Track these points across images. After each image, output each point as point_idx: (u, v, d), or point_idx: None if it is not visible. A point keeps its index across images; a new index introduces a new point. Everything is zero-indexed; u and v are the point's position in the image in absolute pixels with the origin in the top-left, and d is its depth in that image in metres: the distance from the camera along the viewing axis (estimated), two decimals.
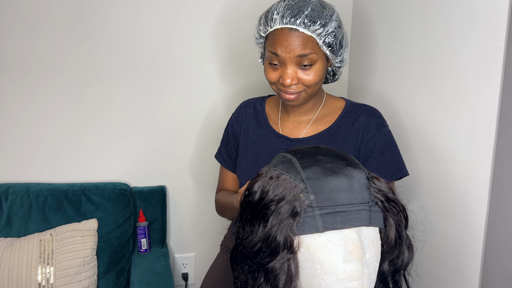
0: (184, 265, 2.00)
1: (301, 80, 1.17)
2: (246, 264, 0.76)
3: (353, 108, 1.29)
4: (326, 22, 1.14)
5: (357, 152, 1.24)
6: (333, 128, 1.27)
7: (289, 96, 1.19)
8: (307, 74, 1.16)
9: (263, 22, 1.18)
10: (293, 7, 1.14)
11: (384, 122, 1.27)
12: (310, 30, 1.13)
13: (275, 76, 1.19)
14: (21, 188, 1.71)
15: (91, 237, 1.66)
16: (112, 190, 1.75)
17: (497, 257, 1.16)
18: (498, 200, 1.14)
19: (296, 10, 1.13)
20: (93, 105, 1.78)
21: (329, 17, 1.15)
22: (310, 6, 1.14)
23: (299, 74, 1.16)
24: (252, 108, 1.38)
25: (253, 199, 0.76)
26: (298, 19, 1.12)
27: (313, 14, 1.13)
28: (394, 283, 0.83)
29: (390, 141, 1.26)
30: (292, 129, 1.30)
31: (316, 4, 1.16)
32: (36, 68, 1.71)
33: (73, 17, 1.69)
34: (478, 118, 1.18)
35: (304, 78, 1.16)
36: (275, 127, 1.32)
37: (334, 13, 1.17)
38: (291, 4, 1.15)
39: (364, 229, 0.73)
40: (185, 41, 1.79)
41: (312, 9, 1.14)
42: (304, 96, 1.20)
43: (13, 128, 1.74)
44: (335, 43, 1.16)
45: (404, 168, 1.26)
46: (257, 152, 1.32)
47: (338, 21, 1.17)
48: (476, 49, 1.17)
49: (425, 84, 1.38)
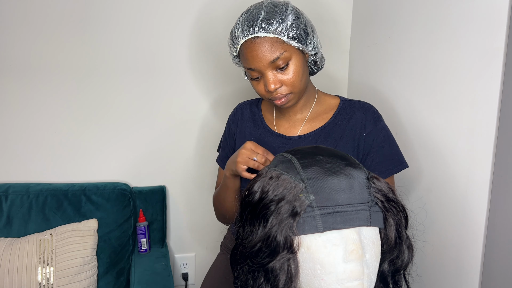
0: (184, 265, 2.00)
1: (283, 82, 1.17)
2: (246, 264, 0.76)
3: (348, 105, 1.29)
4: (282, 18, 1.15)
5: (355, 148, 1.25)
6: (329, 125, 1.27)
7: (280, 101, 1.20)
8: (286, 74, 1.17)
9: (230, 43, 1.21)
10: (248, 18, 1.17)
11: (380, 117, 1.27)
12: (270, 31, 1.14)
13: (261, 88, 1.20)
14: (21, 188, 1.71)
15: (91, 237, 1.66)
16: (112, 190, 1.75)
17: (497, 257, 1.16)
18: (498, 200, 1.14)
19: (251, 19, 1.15)
20: (93, 105, 1.78)
21: (283, 13, 1.16)
22: (262, 10, 1.16)
23: (279, 77, 1.17)
24: (248, 109, 1.40)
25: (253, 199, 0.76)
26: (255, 27, 1.14)
27: (267, 16, 1.15)
28: (394, 283, 0.83)
29: (388, 135, 1.27)
30: (288, 128, 1.31)
31: (268, 6, 1.17)
32: (36, 68, 1.71)
33: (73, 17, 1.69)
34: (478, 118, 1.18)
35: (285, 78, 1.17)
36: (272, 127, 1.33)
37: (288, 7, 1.18)
38: (246, 16, 1.18)
39: (364, 229, 0.73)
40: (184, 41, 1.79)
41: (265, 12, 1.16)
42: (293, 96, 1.21)
43: (13, 128, 1.74)
44: (299, 34, 1.17)
45: (404, 160, 1.27)
46: None
47: (294, 13, 1.18)
48: (476, 49, 1.17)
49: (425, 84, 1.38)
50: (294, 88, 1.19)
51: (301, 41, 1.17)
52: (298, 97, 1.23)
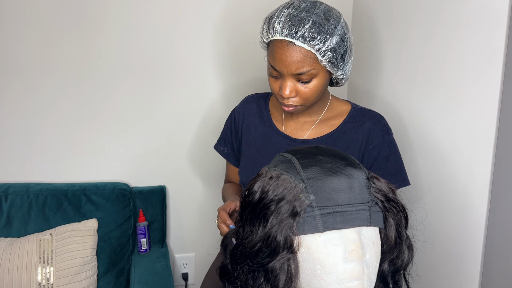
0: (184, 265, 2.00)
1: (300, 93, 1.15)
2: (246, 264, 0.76)
3: (358, 113, 1.26)
4: (327, 37, 1.09)
5: (360, 159, 1.23)
6: (337, 132, 1.25)
7: (288, 108, 1.18)
8: (305, 87, 1.14)
9: (266, 28, 1.15)
10: (295, 18, 1.09)
11: (389, 130, 1.25)
12: (309, 45, 1.09)
13: (275, 86, 1.17)
14: (21, 188, 1.71)
15: (91, 237, 1.66)
16: (112, 190, 1.75)
17: (497, 257, 1.16)
18: (498, 200, 1.14)
19: (296, 22, 1.09)
20: (93, 105, 1.78)
21: (331, 31, 1.10)
22: (312, 18, 1.09)
23: (298, 86, 1.14)
24: (255, 104, 1.36)
25: (253, 199, 0.76)
26: (298, 33, 1.08)
27: (314, 28, 1.08)
28: (394, 283, 0.83)
29: (395, 150, 1.24)
30: (296, 129, 1.29)
31: (319, 16, 1.10)
32: (36, 68, 1.71)
33: (73, 17, 1.69)
34: (478, 118, 1.18)
35: (303, 91, 1.14)
36: (278, 126, 1.30)
37: (338, 25, 1.12)
38: (293, 14, 1.10)
39: (364, 229, 0.73)
40: (184, 40, 1.79)
41: (314, 21, 1.09)
42: (302, 108, 1.19)
43: (13, 128, 1.74)
44: (335, 58, 1.12)
45: (406, 178, 1.25)
46: (258, 150, 1.31)
47: (341, 35, 1.12)
48: (476, 49, 1.17)
49: (425, 84, 1.38)
50: (307, 102, 1.17)
51: (335, 65, 1.13)
52: (307, 109, 1.21)
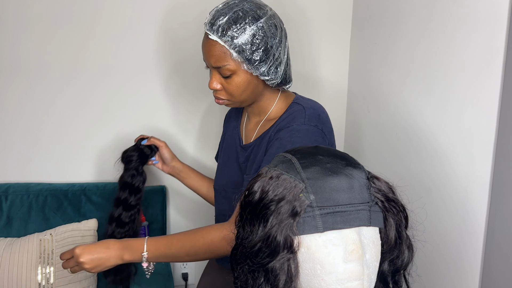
0: (184, 265, 2.00)
1: (224, 87, 1.12)
2: (246, 264, 0.76)
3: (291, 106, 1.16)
4: (238, 33, 1.05)
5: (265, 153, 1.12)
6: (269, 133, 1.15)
7: (217, 101, 1.16)
8: (228, 83, 1.11)
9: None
10: (218, 12, 1.08)
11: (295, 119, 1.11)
12: (222, 40, 1.06)
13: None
14: (21, 188, 1.71)
15: (91, 237, 1.66)
16: (112, 190, 1.75)
17: (497, 257, 1.16)
18: (498, 200, 1.14)
19: (217, 16, 1.07)
20: (93, 105, 1.77)
21: (243, 28, 1.05)
22: (232, 11, 1.06)
23: (222, 81, 1.12)
24: (234, 109, 1.35)
25: (253, 199, 0.76)
26: (213, 26, 1.07)
27: (228, 23, 1.05)
28: (394, 283, 0.83)
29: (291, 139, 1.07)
30: (249, 131, 1.25)
31: (237, 12, 1.06)
32: (36, 68, 1.71)
33: (73, 16, 1.69)
34: (478, 118, 1.18)
35: (226, 86, 1.12)
36: (241, 129, 1.28)
37: (253, 24, 1.06)
38: (219, 9, 1.09)
39: (364, 229, 0.73)
40: (184, 40, 1.79)
41: (229, 17, 1.06)
42: (231, 103, 1.15)
43: (13, 128, 1.74)
44: (248, 57, 1.06)
45: None
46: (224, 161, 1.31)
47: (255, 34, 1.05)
48: (476, 49, 1.17)
49: (425, 84, 1.38)
50: (233, 98, 1.13)
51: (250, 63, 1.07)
52: (240, 105, 1.17)
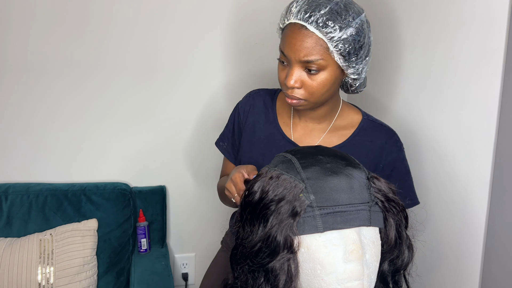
0: (184, 265, 2.00)
1: (305, 85, 1.07)
2: (246, 264, 0.76)
3: (369, 126, 1.19)
4: (342, 26, 1.02)
5: None
6: (346, 144, 1.18)
7: (291, 101, 1.10)
8: (312, 80, 1.06)
9: (283, 13, 1.09)
10: (313, 3, 1.04)
11: (401, 146, 1.20)
12: (322, 32, 1.02)
13: (282, 74, 1.09)
14: (21, 188, 1.71)
15: (91, 237, 1.66)
16: (112, 190, 1.75)
17: (497, 257, 1.16)
18: (498, 200, 1.14)
19: (313, 6, 1.03)
20: (93, 105, 1.77)
21: (348, 21, 1.03)
22: (330, 5, 1.03)
23: (304, 77, 1.06)
24: (262, 101, 1.28)
25: (253, 199, 0.76)
26: (311, 17, 1.02)
27: (330, 15, 1.01)
28: (394, 283, 0.83)
29: (407, 169, 1.21)
30: (304, 136, 1.21)
31: (338, 5, 1.04)
32: (36, 68, 1.71)
33: (73, 16, 1.69)
34: (478, 118, 1.18)
35: (309, 83, 1.06)
36: (285, 129, 1.23)
37: (357, 18, 1.05)
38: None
39: (364, 229, 0.73)
40: (184, 40, 1.79)
41: (331, 8, 1.02)
42: (306, 103, 1.11)
43: (13, 128, 1.74)
44: (348, 52, 1.04)
45: (416, 197, 1.22)
46: (262, 153, 1.24)
47: (358, 29, 1.04)
48: (476, 49, 1.17)
49: (425, 84, 1.38)
50: (311, 98, 1.09)
51: (346, 59, 1.05)
52: (312, 106, 1.13)
